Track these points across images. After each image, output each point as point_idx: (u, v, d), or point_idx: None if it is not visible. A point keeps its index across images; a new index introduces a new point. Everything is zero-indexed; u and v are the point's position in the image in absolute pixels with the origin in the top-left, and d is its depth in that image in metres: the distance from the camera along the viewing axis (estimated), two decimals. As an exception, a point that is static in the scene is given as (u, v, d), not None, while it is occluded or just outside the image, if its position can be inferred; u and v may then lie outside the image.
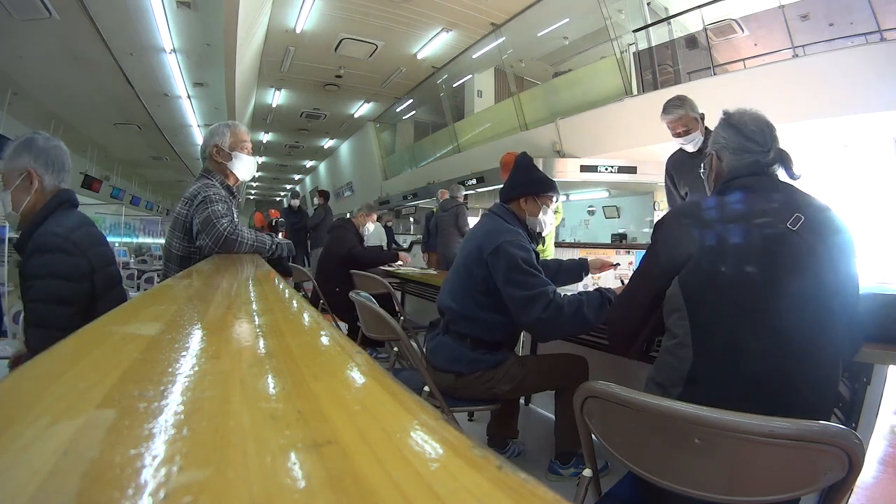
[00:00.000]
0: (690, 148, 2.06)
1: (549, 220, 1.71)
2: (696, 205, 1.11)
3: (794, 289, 0.92)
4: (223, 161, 1.73)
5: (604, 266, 1.95)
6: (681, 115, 2.03)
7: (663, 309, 1.07)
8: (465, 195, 5.48)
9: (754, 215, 1.00)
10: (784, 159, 1.08)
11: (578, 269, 1.96)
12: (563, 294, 1.44)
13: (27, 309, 1.20)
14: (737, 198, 1.05)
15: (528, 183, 1.68)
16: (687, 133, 2.03)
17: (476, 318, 1.52)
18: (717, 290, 0.97)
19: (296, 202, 6.84)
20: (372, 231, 3.78)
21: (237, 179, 1.79)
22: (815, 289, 0.93)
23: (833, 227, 0.97)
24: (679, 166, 2.19)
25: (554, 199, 1.70)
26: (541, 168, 1.77)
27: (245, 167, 1.77)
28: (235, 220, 1.74)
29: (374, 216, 3.77)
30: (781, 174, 1.10)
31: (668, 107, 2.06)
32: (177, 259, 1.68)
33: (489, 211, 1.69)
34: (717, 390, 0.93)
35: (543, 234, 1.75)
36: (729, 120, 1.13)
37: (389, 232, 8.52)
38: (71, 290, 1.18)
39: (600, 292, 1.46)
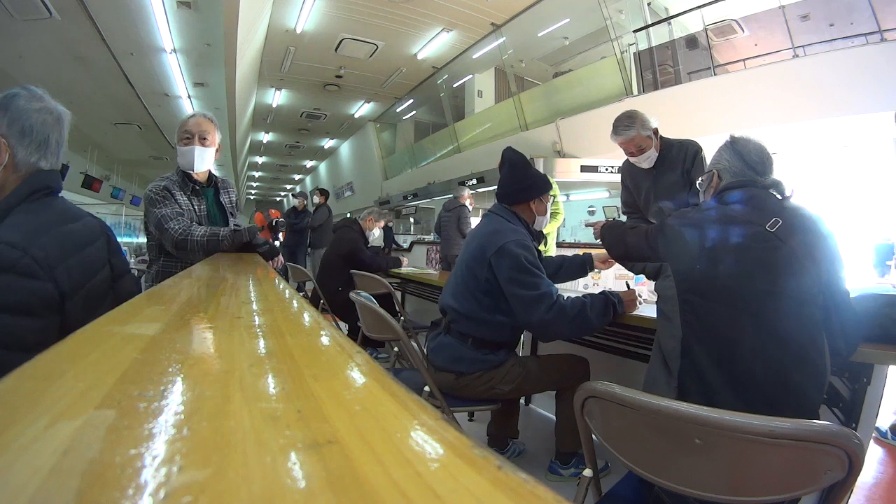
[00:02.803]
0: (645, 165, 1.94)
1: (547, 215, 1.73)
2: (685, 212, 1.20)
3: (771, 288, 0.97)
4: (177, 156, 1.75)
5: (608, 260, 1.89)
6: (632, 136, 1.87)
7: (658, 302, 1.17)
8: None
9: (735, 219, 1.07)
10: (777, 186, 1.15)
11: (582, 265, 1.93)
12: (567, 296, 1.44)
13: None
14: (723, 204, 1.12)
15: (536, 183, 1.67)
16: (641, 152, 1.90)
17: (478, 319, 1.52)
18: (703, 290, 1.04)
19: (299, 202, 6.80)
20: (377, 236, 3.81)
21: (194, 172, 1.75)
22: (793, 289, 0.97)
23: (813, 229, 1.02)
24: (634, 177, 2.08)
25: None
26: (541, 168, 1.77)
27: (184, 159, 1.72)
28: (195, 210, 1.73)
29: (382, 223, 3.79)
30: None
31: (618, 127, 1.91)
32: (146, 245, 1.81)
33: (490, 212, 1.68)
34: (701, 360, 1.01)
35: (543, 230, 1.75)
36: (734, 146, 1.19)
37: (389, 232, 8.53)
38: (29, 329, 0.79)
39: (605, 295, 1.46)
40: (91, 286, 0.95)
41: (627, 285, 1.65)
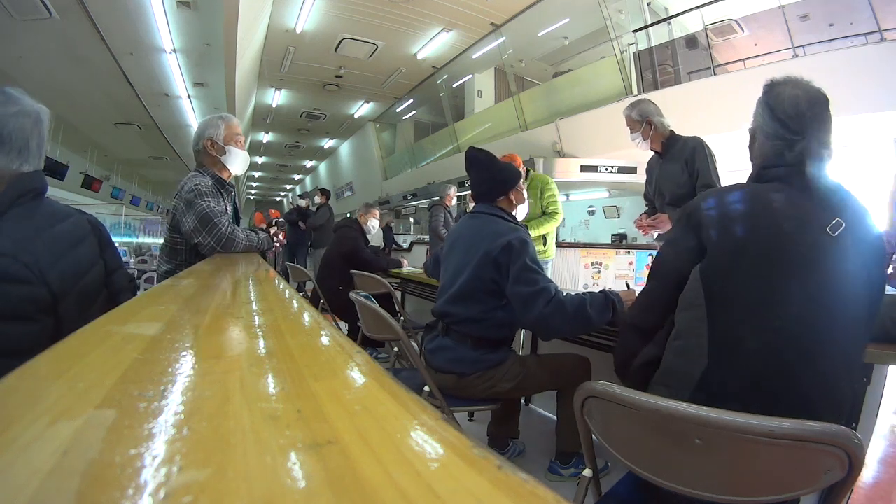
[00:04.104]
0: (636, 144, 2.22)
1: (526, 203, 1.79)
2: (723, 196, 1.00)
3: (818, 293, 0.88)
4: (217, 154, 1.73)
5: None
6: (626, 114, 2.22)
7: (678, 303, 0.98)
8: (457, 195, 5.51)
9: (785, 213, 0.92)
10: (814, 155, 0.94)
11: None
12: (566, 292, 1.44)
13: None
14: (768, 190, 0.96)
15: (510, 175, 1.69)
16: (631, 132, 2.21)
17: (481, 319, 1.52)
18: (739, 289, 0.91)
19: (304, 202, 6.86)
20: (377, 230, 3.81)
21: (230, 174, 1.79)
22: (842, 294, 0.89)
23: (870, 233, 0.92)
24: (651, 167, 2.33)
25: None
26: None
27: (238, 161, 1.77)
28: (229, 212, 1.76)
29: (377, 212, 3.79)
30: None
31: (627, 105, 2.24)
32: (166, 250, 1.71)
33: (477, 212, 1.67)
34: (724, 395, 0.88)
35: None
36: (767, 96, 0.98)
37: (389, 232, 8.54)
38: (21, 335, 0.79)
39: (605, 293, 1.46)
40: (84, 284, 0.95)
41: (627, 285, 1.65)
